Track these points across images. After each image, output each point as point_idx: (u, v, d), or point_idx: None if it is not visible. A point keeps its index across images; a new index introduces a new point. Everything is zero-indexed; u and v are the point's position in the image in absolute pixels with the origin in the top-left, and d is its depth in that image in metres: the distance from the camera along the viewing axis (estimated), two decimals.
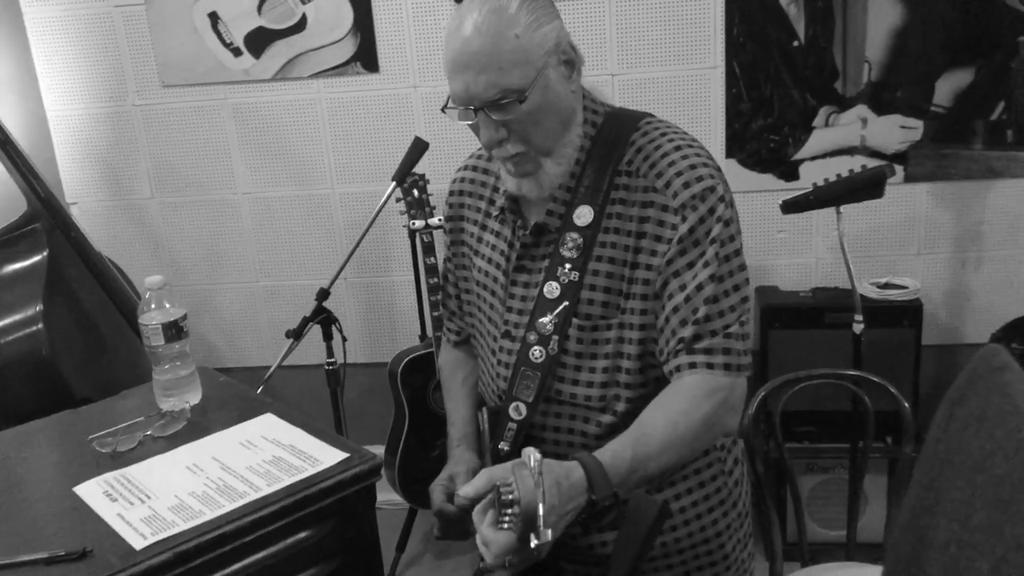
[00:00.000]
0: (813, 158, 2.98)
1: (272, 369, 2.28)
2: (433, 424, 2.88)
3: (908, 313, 2.83)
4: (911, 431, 2.16)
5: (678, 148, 1.37)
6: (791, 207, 2.58)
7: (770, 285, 3.07)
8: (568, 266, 1.38)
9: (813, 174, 2.87)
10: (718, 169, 1.39)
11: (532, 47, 1.29)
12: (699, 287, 1.32)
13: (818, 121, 2.95)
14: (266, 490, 1.22)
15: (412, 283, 3.01)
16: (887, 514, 2.88)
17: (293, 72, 3.07)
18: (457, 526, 1.43)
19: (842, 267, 2.61)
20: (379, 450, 3.04)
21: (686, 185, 1.33)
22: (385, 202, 2.44)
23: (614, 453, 1.25)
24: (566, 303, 1.38)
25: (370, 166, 3.14)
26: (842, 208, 2.55)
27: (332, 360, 2.40)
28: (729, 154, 3.00)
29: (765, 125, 2.97)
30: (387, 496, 3.21)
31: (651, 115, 1.46)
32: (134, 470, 1.31)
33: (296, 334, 2.32)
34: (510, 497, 1.10)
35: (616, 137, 1.40)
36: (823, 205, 2.55)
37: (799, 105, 2.94)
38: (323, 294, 2.35)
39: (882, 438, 2.89)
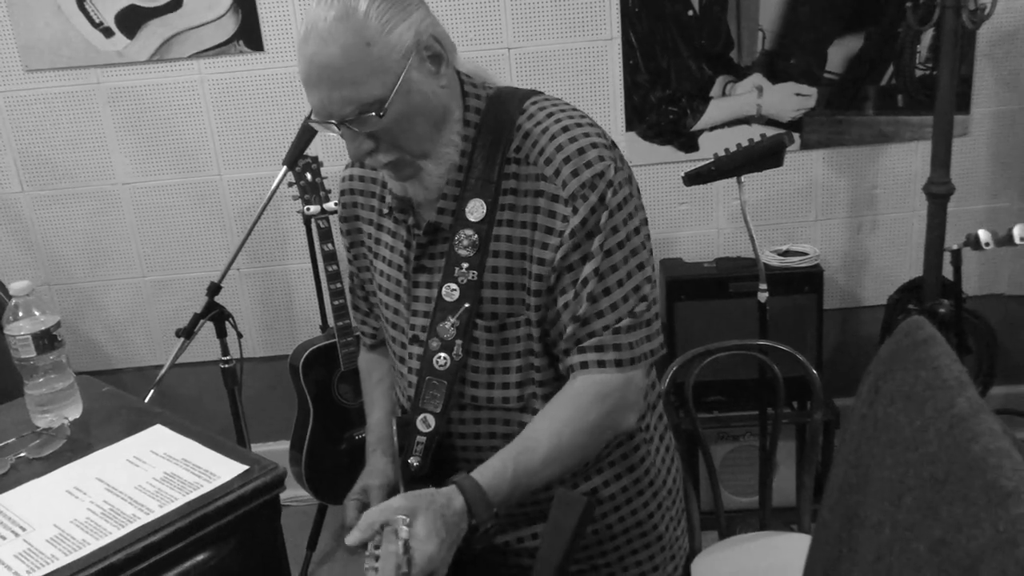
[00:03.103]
0: (712, 128, 2.98)
1: (163, 371, 2.14)
2: (339, 417, 2.78)
3: (809, 279, 2.87)
4: (820, 397, 2.18)
5: (565, 129, 1.28)
6: (694, 179, 2.56)
7: (674, 258, 3.07)
8: (465, 265, 1.30)
9: (712, 144, 2.86)
10: (610, 146, 1.30)
11: (387, 53, 1.19)
12: (584, 282, 1.26)
13: (715, 91, 2.95)
14: (158, 512, 1.12)
15: (310, 272, 2.88)
16: (797, 479, 2.92)
17: (171, 53, 2.89)
18: None
19: (744, 236, 2.62)
20: (284, 446, 2.92)
21: (575, 173, 1.25)
22: (276, 188, 2.32)
23: (495, 473, 1.23)
24: (467, 305, 1.30)
25: (259, 150, 2.99)
26: (743, 177, 2.55)
27: (228, 358, 2.27)
28: (629, 127, 2.97)
29: (663, 96, 2.95)
30: (295, 493, 3.10)
31: (537, 92, 1.37)
32: (6, 499, 1.18)
33: (187, 332, 2.18)
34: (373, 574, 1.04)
35: (501, 122, 1.31)
36: (725, 176, 2.55)
37: (696, 75, 2.93)
38: (214, 288, 2.22)
39: (789, 404, 2.93)
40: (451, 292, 1.31)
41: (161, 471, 1.20)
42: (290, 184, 2.67)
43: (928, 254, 2.75)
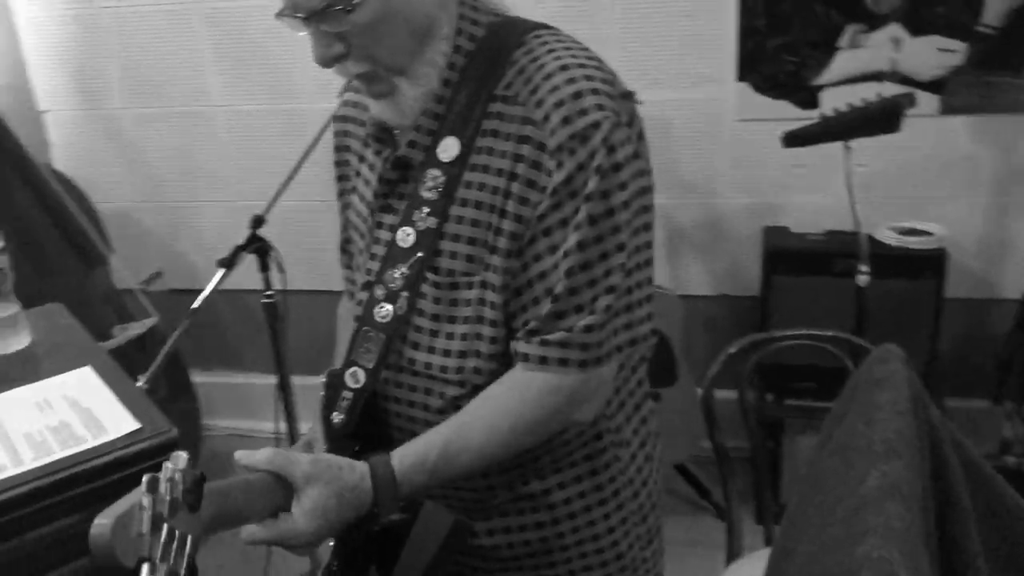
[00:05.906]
0: (836, 84, 2.63)
1: (198, 301, 2.11)
2: None
3: (930, 262, 2.51)
4: None
5: (564, 68, 1.09)
6: (793, 140, 2.27)
7: (780, 226, 2.76)
8: (427, 210, 1.14)
9: (835, 102, 2.51)
10: (617, 96, 1.10)
11: None
12: (566, 253, 1.08)
13: (843, 41, 2.59)
14: (28, 464, 1.04)
15: None
16: None
17: None
18: None
19: (869, 209, 2.32)
20: None
21: (566, 121, 1.06)
22: (328, 124, 2.21)
23: (414, 460, 1.10)
24: (420, 254, 1.15)
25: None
26: (864, 142, 2.24)
27: (270, 293, 2.21)
28: (741, 77, 2.67)
29: (782, 44, 2.62)
30: None
31: (547, 26, 1.18)
32: None
33: (227, 263, 2.13)
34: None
35: (496, 54, 1.13)
36: (831, 139, 2.25)
37: (822, 22, 2.58)
38: (257, 221, 2.16)
39: None
40: (406, 237, 1.16)
41: (58, 419, 1.13)
42: None
43: None
